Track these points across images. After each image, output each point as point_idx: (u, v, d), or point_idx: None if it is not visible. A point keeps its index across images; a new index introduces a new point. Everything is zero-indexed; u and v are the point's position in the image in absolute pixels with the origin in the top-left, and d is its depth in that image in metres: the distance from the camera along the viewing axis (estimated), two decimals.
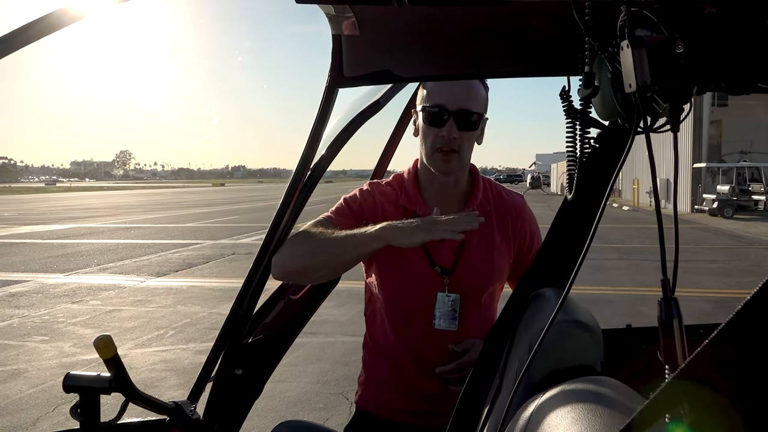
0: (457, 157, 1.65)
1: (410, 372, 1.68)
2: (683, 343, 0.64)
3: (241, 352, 1.75)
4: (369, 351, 1.82)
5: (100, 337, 1.16)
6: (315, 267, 1.56)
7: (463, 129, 1.62)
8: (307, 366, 5.66)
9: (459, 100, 1.61)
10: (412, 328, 1.68)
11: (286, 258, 1.56)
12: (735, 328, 0.40)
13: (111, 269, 11.83)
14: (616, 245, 14.01)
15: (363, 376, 1.83)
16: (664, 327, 0.66)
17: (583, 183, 1.29)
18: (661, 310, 0.67)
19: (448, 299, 1.64)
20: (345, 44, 1.41)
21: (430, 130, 1.64)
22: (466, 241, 1.66)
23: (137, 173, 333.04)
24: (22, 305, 8.58)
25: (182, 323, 7.35)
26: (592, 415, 0.66)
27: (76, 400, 1.21)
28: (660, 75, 0.71)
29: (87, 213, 32.03)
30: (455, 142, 1.62)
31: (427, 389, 1.66)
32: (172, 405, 1.36)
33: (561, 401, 0.75)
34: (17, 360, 6.00)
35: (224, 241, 16.50)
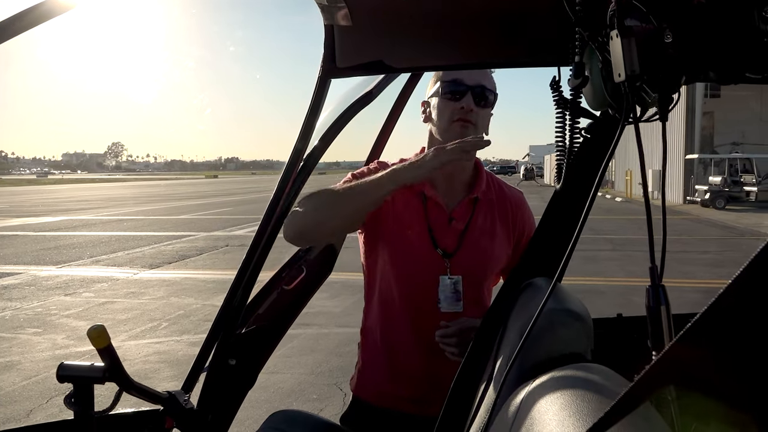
0: (474, 129, 1.65)
1: (413, 356, 1.69)
2: (670, 329, 0.65)
3: (235, 342, 1.76)
4: (368, 336, 1.81)
5: (94, 327, 1.17)
6: (330, 217, 1.59)
7: (479, 104, 1.64)
8: (300, 357, 5.68)
9: (476, 77, 1.64)
10: (415, 310, 1.68)
11: (298, 216, 1.58)
12: (719, 311, 0.41)
13: (104, 261, 11.80)
14: (609, 236, 14.07)
15: (361, 362, 1.82)
16: (652, 314, 0.67)
17: (574, 173, 1.30)
18: (649, 297, 0.68)
19: (451, 281, 1.65)
20: (337, 34, 1.41)
21: (447, 105, 1.66)
22: (469, 227, 1.67)
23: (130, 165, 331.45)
24: (15, 297, 8.55)
25: (176, 315, 7.35)
26: (580, 400, 0.67)
27: (70, 390, 1.22)
28: (649, 64, 0.71)
29: (79, 205, 31.89)
30: (472, 115, 1.64)
31: (430, 374, 1.66)
32: (166, 395, 1.37)
33: (550, 388, 0.76)
34: (10, 352, 5.99)
35: (217, 233, 16.47)
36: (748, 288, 0.38)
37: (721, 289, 0.39)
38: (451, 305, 1.65)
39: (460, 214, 1.69)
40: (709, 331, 0.42)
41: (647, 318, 0.69)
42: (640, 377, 0.45)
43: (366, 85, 1.77)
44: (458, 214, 1.69)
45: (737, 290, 0.39)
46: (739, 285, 0.39)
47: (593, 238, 13.50)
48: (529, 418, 0.71)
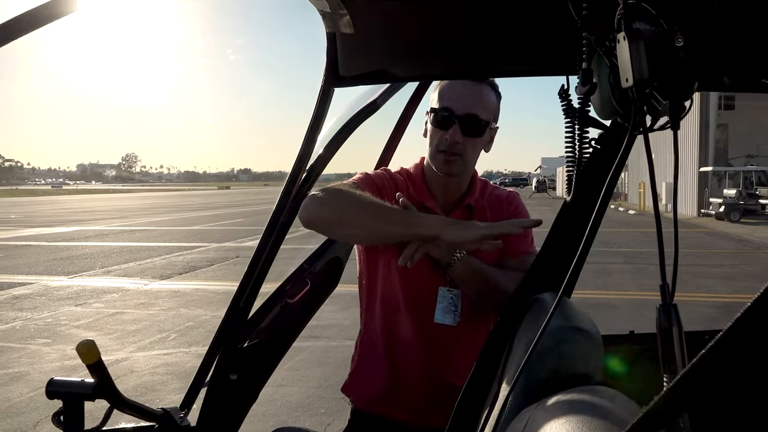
0: (460, 161, 1.62)
1: (412, 366, 1.66)
2: (683, 351, 0.60)
3: (237, 357, 1.73)
4: (366, 345, 1.79)
5: (83, 342, 1.13)
6: (354, 223, 1.51)
7: (467, 134, 1.60)
8: (309, 370, 5.63)
9: (467, 105, 1.59)
10: (415, 321, 1.66)
11: (325, 204, 1.51)
12: (736, 335, 0.37)
13: (115, 272, 11.84)
14: (622, 249, 13.94)
15: (359, 371, 1.80)
16: (664, 334, 0.63)
17: (584, 184, 1.26)
18: (660, 316, 0.64)
19: (449, 294, 1.62)
20: (340, 43, 1.39)
21: (436, 132, 1.63)
22: None
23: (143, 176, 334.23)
24: (26, 308, 8.58)
25: (185, 326, 7.34)
26: (587, 427, 0.63)
27: (59, 407, 1.18)
28: (659, 69, 0.67)
29: (93, 215, 32.14)
30: (458, 147, 1.60)
31: (430, 383, 1.64)
32: (160, 411, 1.33)
33: (556, 412, 0.72)
34: (19, 363, 5.99)
35: (228, 244, 16.50)
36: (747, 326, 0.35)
37: (740, 311, 0.35)
38: (445, 318, 1.63)
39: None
40: (725, 357, 0.38)
41: (658, 339, 0.65)
42: (650, 406, 0.41)
43: (371, 95, 1.75)
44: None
45: (757, 313, 0.36)
46: (759, 306, 0.36)
47: (605, 251, 13.37)
48: None
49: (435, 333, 1.64)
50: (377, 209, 1.48)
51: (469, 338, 1.64)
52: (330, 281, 2.04)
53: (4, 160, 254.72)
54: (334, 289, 2.06)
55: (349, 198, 1.52)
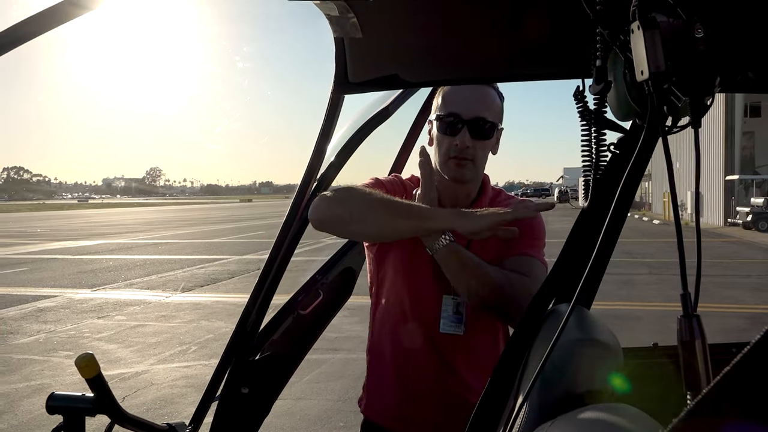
0: (471, 165, 1.59)
1: (421, 377, 1.64)
2: (707, 365, 0.55)
3: (248, 369, 1.70)
4: (375, 356, 1.76)
5: (82, 356, 1.11)
6: (364, 219, 1.47)
7: (477, 138, 1.57)
8: (328, 383, 5.59)
9: (473, 108, 1.56)
10: (423, 329, 1.63)
11: (334, 202, 1.48)
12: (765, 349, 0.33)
13: (138, 284, 11.95)
14: (646, 260, 13.70)
15: (369, 383, 1.77)
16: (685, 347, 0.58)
17: (603, 191, 1.21)
18: (682, 328, 0.59)
19: (454, 301, 1.59)
20: (349, 49, 1.36)
21: (444, 139, 1.59)
22: (472, 244, 1.59)
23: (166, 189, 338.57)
24: (50, 320, 8.67)
25: (205, 339, 7.35)
26: None
27: (59, 422, 1.16)
28: (677, 63, 0.63)
29: (117, 229, 32.57)
30: (468, 151, 1.57)
31: (439, 395, 1.61)
32: (164, 427, 1.30)
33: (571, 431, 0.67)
34: (42, 375, 6.04)
35: (250, 256, 16.58)
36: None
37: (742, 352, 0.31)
38: (450, 327, 1.59)
39: None
40: (754, 373, 0.34)
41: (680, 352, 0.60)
42: (671, 427, 0.37)
43: (383, 102, 1.72)
44: None
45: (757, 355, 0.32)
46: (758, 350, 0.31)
47: (630, 261, 13.17)
48: None
49: (441, 342, 1.61)
50: (388, 204, 1.45)
51: (476, 347, 1.62)
52: (343, 292, 2.01)
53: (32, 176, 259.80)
54: (347, 299, 2.03)
55: (359, 194, 1.49)
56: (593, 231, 1.25)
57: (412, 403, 1.65)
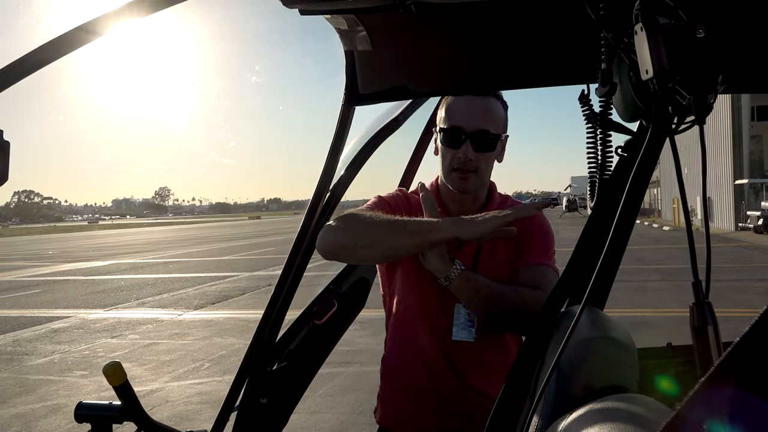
0: (475, 176, 1.62)
1: (429, 387, 1.65)
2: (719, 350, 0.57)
3: (266, 380, 1.72)
4: (388, 364, 1.79)
5: (110, 364, 1.14)
6: (369, 243, 1.48)
7: (479, 150, 1.60)
8: (342, 396, 5.58)
9: (476, 121, 1.58)
10: (433, 340, 1.65)
11: (338, 231, 1.50)
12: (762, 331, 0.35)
13: (149, 303, 12.00)
14: (659, 266, 13.63)
15: (383, 392, 1.80)
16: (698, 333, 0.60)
17: (610, 194, 1.23)
18: (694, 315, 0.61)
19: (465, 310, 1.61)
20: (359, 61, 1.39)
21: (448, 151, 1.62)
22: (481, 253, 1.62)
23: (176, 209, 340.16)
24: (64, 341, 8.72)
25: (218, 355, 7.37)
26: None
27: (88, 431, 1.18)
28: (680, 62, 0.65)
29: (127, 249, 32.74)
30: (471, 164, 1.60)
31: (448, 404, 1.63)
32: None
33: (589, 421, 0.69)
34: (57, 395, 6.07)
35: (260, 272, 16.62)
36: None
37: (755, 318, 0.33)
38: (463, 334, 1.61)
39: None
40: (756, 352, 0.36)
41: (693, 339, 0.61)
42: (682, 405, 0.39)
43: (392, 113, 1.74)
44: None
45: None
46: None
47: (642, 268, 13.10)
48: None
49: (454, 350, 1.63)
50: (390, 225, 1.47)
51: (488, 353, 1.63)
52: (357, 302, 2.02)
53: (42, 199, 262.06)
54: (361, 309, 2.04)
55: (361, 220, 1.51)
56: (603, 233, 1.27)
57: (426, 410, 1.66)
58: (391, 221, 1.48)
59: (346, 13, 1.15)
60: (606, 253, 1.01)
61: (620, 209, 1.20)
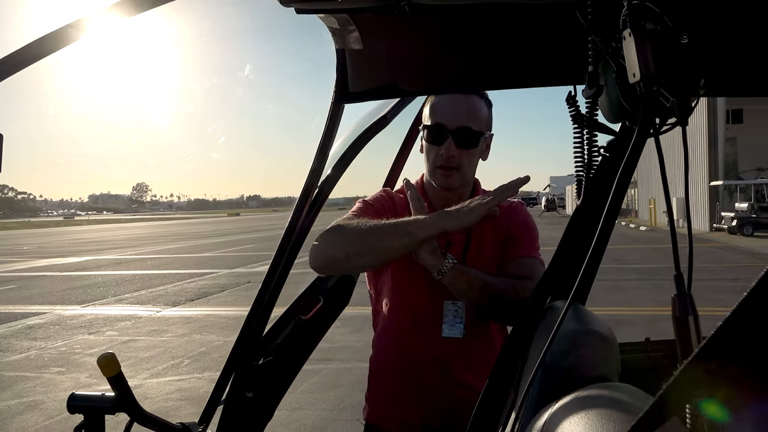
0: (457, 173, 1.65)
1: (422, 382, 1.67)
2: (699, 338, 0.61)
3: (252, 374, 1.73)
4: (376, 363, 1.81)
5: (104, 355, 1.15)
6: (360, 252, 1.50)
7: (462, 147, 1.62)
8: (323, 393, 5.60)
9: (459, 118, 1.61)
10: (422, 336, 1.67)
11: (328, 245, 1.52)
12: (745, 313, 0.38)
13: (127, 300, 11.88)
14: (635, 266, 13.84)
15: (370, 390, 1.82)
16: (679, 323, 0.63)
17: (594, 192, 1.27)
18: (676, 306, 0.64)
19: (454, 307, 1.64)
20: (350, 59, 1.41)
21: (431, 148, 1.65)
22: (469, 249, 1.65)
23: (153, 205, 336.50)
24: (40, 337, 8.61)
25: (198, 352, 7.33)
26: (606, 419, 0.63)
27: (81, 421, 1.19)
28: (665, 66, 0.69)
29: (105, 245, 32.34)
30: (454, 161, 1.62)
31: (435, 402, 1.65)
32: (179, 426, 1.34)
33: (574, 408, 0.72)
34: (34, 392, 6.00)
35: (239, 269, 16.54)
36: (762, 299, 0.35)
37: (744, 293, 0.36)
38: (453, 331, 1.64)
39: (458, 235, 1.66)
40: (728, 344, 0.39)
41: (674, 328, 0.65)
42: (662, 392, 0.42)
43: (380, 111, 1.77)
44: (456, 235, 1.66)
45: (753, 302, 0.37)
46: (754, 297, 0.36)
47: (619, 267, 13.29)
48: None
49: (443, 347, 1.65)
50: (377, 230, 1.48)
51: (476, 349, 1.66)
52: (342, 298, 2.04)
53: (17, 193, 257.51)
54: (346, 305, 2.06)
55: (348, 231, 1.52)
56: (586, 230, 1.31)
57: (416, 408, 1.68)
58: (379, 227, 1.49)
59: (342, 12, 1.17)
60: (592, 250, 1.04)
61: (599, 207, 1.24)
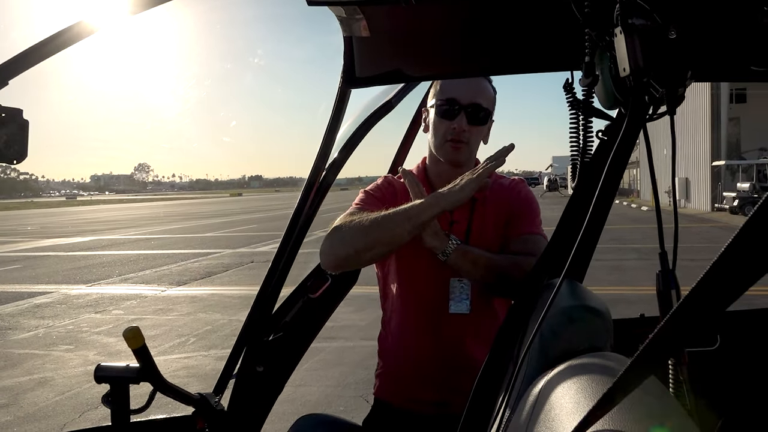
0: (466, 148, 1.71)
1: (430, 360, 1.73)
2: None
3: (262, 350, 1.80)
4: (385, 342, 1.87)
5: (129, 328, 1.22)
6: (368, 247, 1.55)
7: (473, 123, 1.69)
8: (327, 370, 5.71)
9: (470, 95, 1.68)
10: (429, 314, 1.73)
11: (336, 244, 1.58)
12: (703, 290, 0.44)
13: (132, 279, 12.00)
14: (636, 245, 13.90)
15: (380, 368, 1.87)
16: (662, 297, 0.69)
17: (592, 175, 1.32)
18: (659, 281, 0.70)
19: (460, 284, 1.70)
20: (356, 45, 1.46)
21: (442, 123, 1.70)
22: (472, 227, 1.70)
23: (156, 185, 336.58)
24: (47, 316, 8.74)
25: (203, 330, 7.45)
26: (596, 384, 0.70)
27: (107, 390, 1.27)
28: (654, 60, 0.74)
29: (108, 225, 32.47)
30: (464, 135, 1.68)
31: (445, 378, 1.70)
32: (197, 396, 1.41)
33: (567, 375, 0.78)
34: (43, 369, 6.12)
35: (243, 249, 16.65)
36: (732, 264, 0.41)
37: (715, 257, 0.41)
38: (459, 307, 1.70)
39: (460, 216, 1.72)
40: (697, 310, 0.45)
41: (658, 302, 0.71)
42: (638, 354, 0.48)
43: (385, 96, 1.82)
44: (458, 215, 1.72)
45: (721, 269, 0.42)
46: (724, 261, 0.42)
47: (619, 247, 13.35)
48: (548, 404, 0.73)
49: (449, 323, 1.71)
50: (380, 222, 1.53)
51: (482, 324, 1.71)
52: (349, 277, 2.11)
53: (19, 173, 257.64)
54: (354, 284, 2.13)
55: (352, 228, 1.57)
56: (584, 211, 1.37)
57: (425, 383, 1.73)
58: (380, 218, 1.54)
59: (352, 3, 1.22)
60: (585, 230, 1.10)
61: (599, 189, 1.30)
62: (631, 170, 46.39)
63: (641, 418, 0.58)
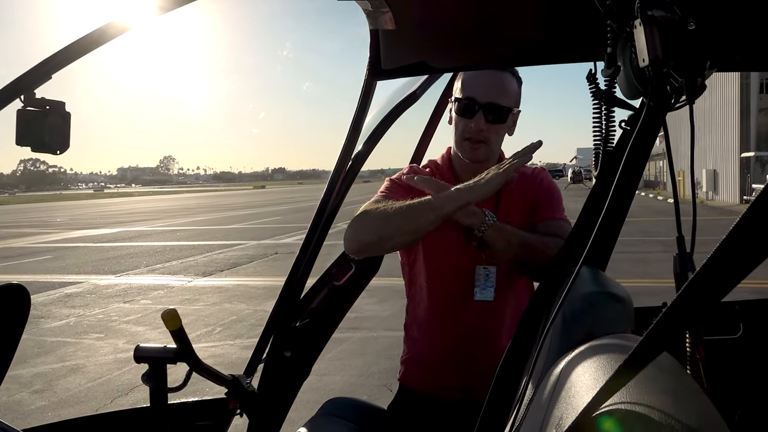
0: (485, 147, 1.72)
1: (455, 347, 1.76)
2: None
3: (290, 335, 1.86)
4: (411, 330, 1.90)
5: (168, 311, 1.28)
6: (391, 234, 1.59)
7: (491, 122, 1.70)
8: (350, 360, 5.78)
9: (489, 94, 1.68)
10: (454, 302, 1.76)
11: (359, 230, 1.62)
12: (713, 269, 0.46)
13: (159, 270, 12.21)
14: (660, 238, 13.72)
15: (405, 355, 1.91)
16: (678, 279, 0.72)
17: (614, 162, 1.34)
18: (676, 264, 0.73)
19: (485, 271, 1.73)
20: (382, 38, 1.50)
21: (461, 121, 1.72)
22: (499, 217, 1.73)
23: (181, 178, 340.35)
24: (78, 305, 8.95)
25: (229, 320, 7.57)
26: (615, 362, 0.72)
27: (146, 369, 1.33)
28: (673, 51, 0.77)
29: (134, 217, 32.99)
30: (482, 134, 1.70)
31: (469, 364, 1.73)
32: (230, 377, 1.47)
33: (588, 354, 0.81)
34: (75, 356, 6.29)
35: (267, 241, 16.81)
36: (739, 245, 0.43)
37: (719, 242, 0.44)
38: (484, 294, 1.73)
39: (487, 205, 1.72)
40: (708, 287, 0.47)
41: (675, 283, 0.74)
42: (650, 329, 0.50)
43: (409, 87, 1.85)
44: (485, 204, 1.72)
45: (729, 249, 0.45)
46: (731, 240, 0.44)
47: (644, 240, 13.21)
48: (568, 382, 0.76)
49: (475, 311, 1.74)
50: (402, 211, 1.56)
51: (506, 311, 1.75)
52: (372, 265, 2.15)
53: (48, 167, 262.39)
54: (376, 272, 2.17)
55: (376, 215, 1.60)
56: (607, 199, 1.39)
57: (452, 371, 1.76)
58: (404, 207, 1.56)
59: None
60: (606, 218, 1.12)
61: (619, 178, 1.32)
62: (657, 162, 45.66)
63: (656, 393, 0.61)
